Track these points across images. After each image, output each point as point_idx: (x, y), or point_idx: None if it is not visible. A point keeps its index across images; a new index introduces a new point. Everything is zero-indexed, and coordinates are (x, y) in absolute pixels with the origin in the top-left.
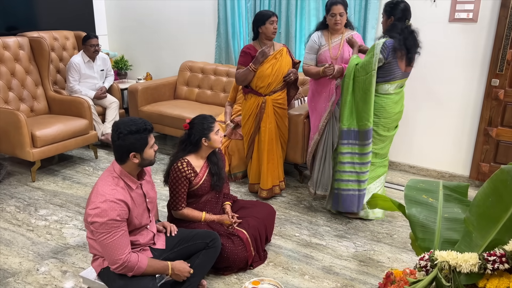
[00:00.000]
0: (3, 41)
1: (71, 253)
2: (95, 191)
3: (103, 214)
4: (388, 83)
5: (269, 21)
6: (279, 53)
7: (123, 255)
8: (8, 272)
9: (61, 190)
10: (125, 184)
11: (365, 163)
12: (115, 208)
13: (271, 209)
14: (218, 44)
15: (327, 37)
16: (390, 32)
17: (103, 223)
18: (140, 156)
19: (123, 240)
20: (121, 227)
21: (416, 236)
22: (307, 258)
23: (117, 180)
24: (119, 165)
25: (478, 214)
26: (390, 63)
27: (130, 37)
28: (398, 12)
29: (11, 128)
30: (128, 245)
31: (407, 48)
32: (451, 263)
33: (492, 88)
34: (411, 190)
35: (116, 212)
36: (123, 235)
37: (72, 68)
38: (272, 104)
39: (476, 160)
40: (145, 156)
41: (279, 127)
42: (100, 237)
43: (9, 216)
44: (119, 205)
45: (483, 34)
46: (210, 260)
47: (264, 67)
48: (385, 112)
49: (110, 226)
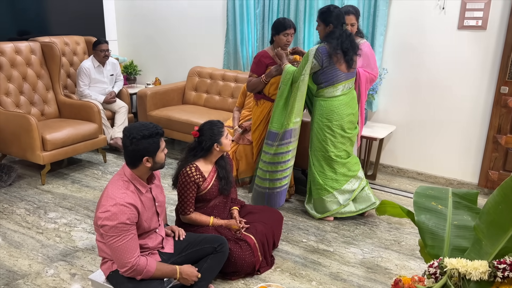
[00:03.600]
0: (15, 46)
1: (79, 256)
2: (106, 194)
3: (113, 218)
4: (333, 86)
5: (283, 33)
6: (294, 61)
7: (132, 259)
8: (18, 274)
9: (70, 194)
10: (135, 188)
11: (277, 162)
12: (125, 212)
13: (278, 215)
14: (227, 50)
15: None
16: (328, 38)
17: (113, 226)
18: (153, 160)
19: (133, 243)
20: (130, 231)
21: (425, 243)
22: (314, 264)
23: (127, 184)
24: (130, 169)
25: (488, 222)
26: (328, 67)
27: (139, 42)
28: (334, 19)
29: (22, 131)
30: (137, 249)
31: (343, 51)
32: (461, 271)
33: (501, 95)
34: (420, 197)
35: (126, 215)
36: (132, 238)
37: (82, 73)
38: None
39: (485, 168)
40: (157, 160)
41: None
42: (109, 240)
43: (19, 219)
44: (129, 209)
45: (492, 42)
46: (218, 264)
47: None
48: (336, 114)
49: (120, 229)
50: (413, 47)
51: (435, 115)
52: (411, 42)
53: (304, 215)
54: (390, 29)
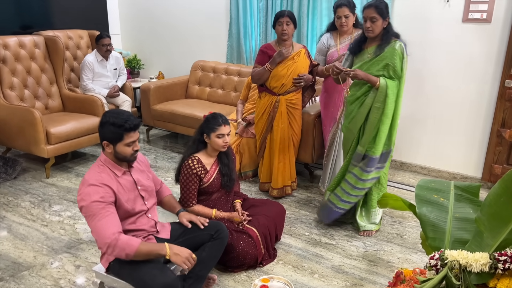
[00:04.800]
0: (19, 40)
1: (84, 248)
2: (82, 180)
3: (86, 198)
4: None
5: (278, 22)
6: (297, 54)
7: (111, 235)
8: (23, 265)
9: (74, 187)
10: (110, 171)
11: (356, 187)
12: (98, 191)
13: (281, 208)
14: (230, 44)
15: (336, 38)
16: (392, 32)
17: (88, 205)
18: (113, 148)
19: (110, 221)
20: (106, 209)
21: (426, 236)
22: (316, 257)
23: (102, 167)
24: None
25: (490, 214)
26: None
27: (143, 36)
28: (388, 12)
29: (26, 125)
30: (116, 227)
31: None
32: (462, 263)
33: (505, 89)
34: (422, 189)
35: (99, 194)
36: (110, 217)
37: (85, 67)
38: (285, 104)
39: (489, 162)
40: (118, 150)
41: (292, 127)
42: (88, 221)
43: (24, 211)
44: (102, 188)
45: (497, 35)
46: (217, 252)
47: (280, 67)
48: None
49: (95, 207)
50: (417, 41)
51: (439, 108)
52: (415, 35)
53: (307, 208)
54: (394, 22)
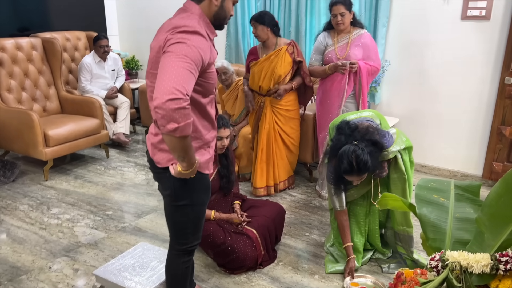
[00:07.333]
0: (17, 42)
1: (82, 252)
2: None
3: (190, 35)
4: None
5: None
6: (274, 54)
7: (185, 91)
8: (21, 269)
9: (73, 189)
10: (206, 30)
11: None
12: (201, 41)
13: (280, 208)
14: (228, 44)
15: (333, 37)
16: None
17: (184, 42)
18: (222, 0)
19: (191, 81)
20: (193, 66)
21: (427, 236)
22: (317, 257)
23: (197, 20)
24: (196, 4)
25: (490, 214)
26: None
27: (141, 37)
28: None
29: (24, 127)
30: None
31: None
32: (463, 264)
33: (505, 86)
34: (422, 189)
35: (202, 46)
36: (193, 76)
37: (83, 68)
38: (270, 105)
39: (489, 160)
40: (226, 6)
41: (283, 129)
42: (170, 53)
43: (22, 215)
44: (207, 43)
45: (496, 32)
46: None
47: (255, 70)
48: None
49: (188, 52)
50: (415, 38)
51: (438, 106)
52: (413, 33)
53: (307, 209)
54: (393, 20)
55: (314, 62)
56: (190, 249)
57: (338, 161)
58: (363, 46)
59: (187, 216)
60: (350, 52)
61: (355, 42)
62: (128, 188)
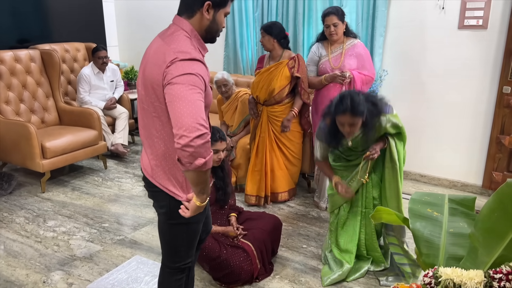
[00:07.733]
0: (15, 54)
1: (77, 265)
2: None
3: (192, 63)
4: None
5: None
6: (275, 66)
7: (206, 124)
8: (15, 284)
9: (70, 201)
10: (197, 47)
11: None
12: (201, 67)
13: (277, 221)
14: (226, 54)
15: (327, 47)
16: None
17: (189, 73)
18: (214, 13)
19: (204, 110)
20: (202, 94)
21: (420, 252)
22: (314, 271)
23: (189, 40)
24: (186, 20)
25: (484, 230)
26: None
27: (140, 48)
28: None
29: (21, 139)
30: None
31: None
32: (456, 281)
33: (503, 95)
34: (416, 203)
35: (203, 72)
36: (203, 105)
37: (82, 80)
38: (267, 115)
39: (489, 169)
40: (218, 19)
41: (280, 140)
42: (180, 88)
43: (18, 228)
44: (205, 68)
45: (494, 41)
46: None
47: (256, 79)
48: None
49: (195, 81)
50: (413, 48)
51: (437, 116)
52: (411, 42)
53: (305, 220)
54: (390, 30)
55: (309, 73)
56: (183, 267)
57: (333, 103)
58: (357, 56)
59: (181, 235)
60: (344, 62)
61: (349, 52)
62: (125, 199)
